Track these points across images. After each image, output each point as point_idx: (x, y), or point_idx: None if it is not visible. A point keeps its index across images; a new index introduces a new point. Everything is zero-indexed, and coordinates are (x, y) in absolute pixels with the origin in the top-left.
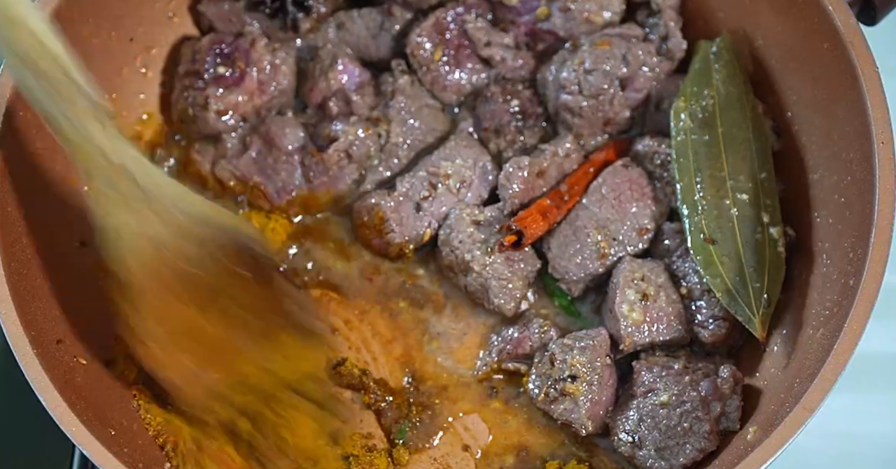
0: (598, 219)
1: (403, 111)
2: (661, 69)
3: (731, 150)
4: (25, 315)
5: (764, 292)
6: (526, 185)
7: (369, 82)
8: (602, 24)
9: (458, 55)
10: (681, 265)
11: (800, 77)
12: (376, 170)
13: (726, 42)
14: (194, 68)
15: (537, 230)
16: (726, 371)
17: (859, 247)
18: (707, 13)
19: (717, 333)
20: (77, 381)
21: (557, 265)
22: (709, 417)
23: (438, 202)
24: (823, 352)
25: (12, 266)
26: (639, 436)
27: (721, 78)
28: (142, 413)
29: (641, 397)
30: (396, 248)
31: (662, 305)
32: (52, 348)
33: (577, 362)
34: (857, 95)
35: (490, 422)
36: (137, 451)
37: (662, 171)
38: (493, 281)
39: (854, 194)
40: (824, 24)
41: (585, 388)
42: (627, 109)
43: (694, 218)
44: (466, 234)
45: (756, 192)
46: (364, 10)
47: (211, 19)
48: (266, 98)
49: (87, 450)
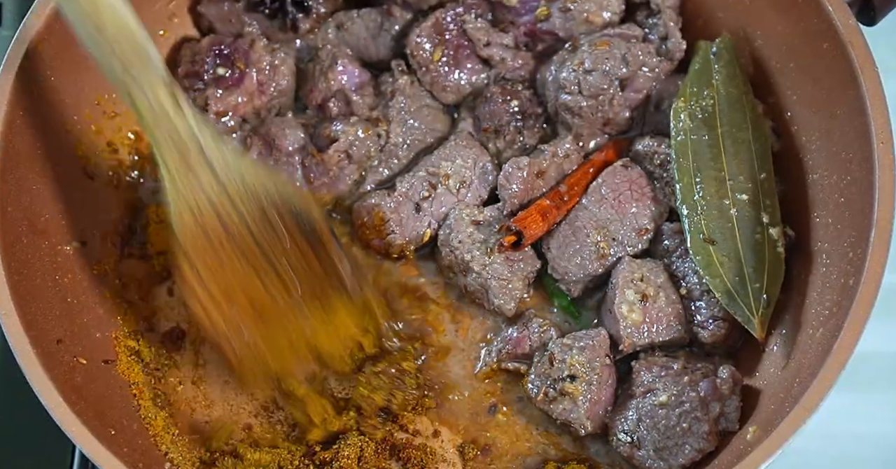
0: (597, 219)
1: (403, 111)
2: (660, 69)
3: (731, 151)
4: (25, 315)
5: (763, 292)
6: (525, 185)
7: (369, 83)
8: (602, 24)
9: (458, 55)
10: (680, 265)
11: (800, 77)
12: (376, 170)
13: (726, 42)
14: (194, 69)
15: (537, 230)
16: (725, 372)
17: (859, 247)
18: (707, 13)
19: (717, 334)
20: (77, 381)
21: (557, 265)
22: (708, 418)
23: (438, 202)
24: (823, 352)
25: (12, 266)
26: (638, 436)
27: (721, 78)
28: (142, 412)
29: (640, 397)
30: (397, 248)
31: (662, 306)
32: (52, 348)
33: (577, 362)
34: (857, 95)
35: (489, 422)
36: (137, 451)
37: (662, 171)
38: (493, 281)
39: (854, 194)
40: (824, 24)
41: (584, 388)
42: (627, 110)
43: (693, 218)
44: (466, 235)
45: (756, 193)
46: (364, 11)
47: (210, 20)
48: (266, 99)
49: (87, 450)
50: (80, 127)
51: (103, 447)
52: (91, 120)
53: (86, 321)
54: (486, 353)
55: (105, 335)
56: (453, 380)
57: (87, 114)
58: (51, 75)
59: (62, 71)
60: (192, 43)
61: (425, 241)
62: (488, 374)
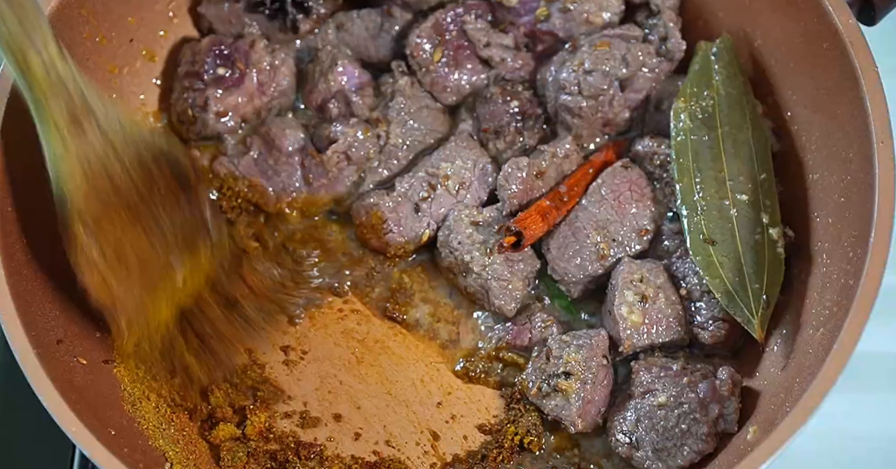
0: (597, 220)
1: (403, 112)
2: (660, 70)
3: (731, 151)
4: (25, 315)
5: (763, 293)
6: (525, 185)
7: (369, 83)
8: (601, 24)
9: (458, 56)
10: (680, 266)
11: (800, 77)
12: (375, 171)
13: (726, 43)
14: (194, 69)
15: (537, 231)
16: (725, 373)
17: (859, 247)
18: (707, 14)
19: (717, 335)
20: (77, 381)
21: (557, 266)
22: (707, 419)
23: (437, 203)
24: (823, 352)
25: (12, 266)
26: (636, 436)
27: (721, 79)
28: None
29: (639, 398)
30: (395, 248)
31: (661, 307)
32: (52, 348)
33: (573, 359)
34: (857, 95)
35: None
36: (137, 451)
37: (662, 171)
38: (493, 282)
39: (854, 194)
40: (824, 24)
41: (578, 386)
42: (627, 110)
43: (693, 219)
44: (465, 236)
45: (756, 193)
46: (364, 12)
47: (211, 20)
48: (266, 99)
49: (87, 450)
50: None
51: (103, 447)
52: None
53: (86, 321)
54: (485, 342)
55: (105, 335)
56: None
57: None
58: None
59: None
60: (193, 43)
61: (424, 242)
62: (485, 358)
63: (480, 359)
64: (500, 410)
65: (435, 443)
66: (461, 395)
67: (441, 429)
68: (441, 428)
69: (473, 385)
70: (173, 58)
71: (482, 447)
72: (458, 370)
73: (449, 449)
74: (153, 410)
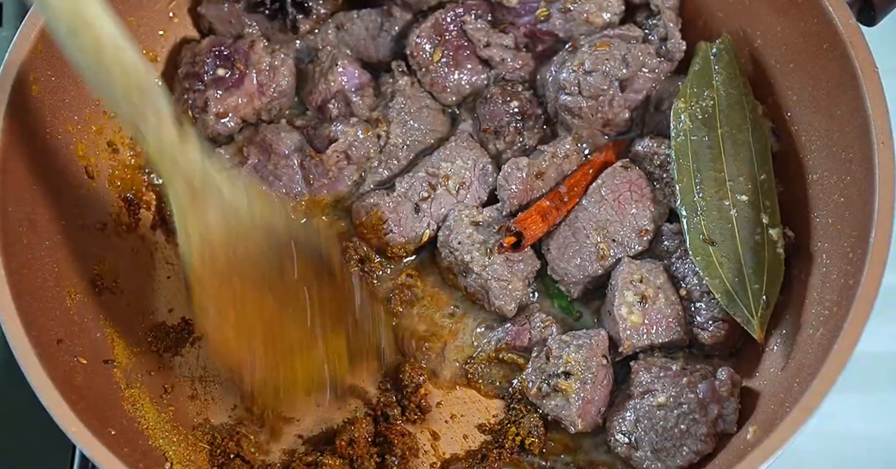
0: (597, 220)
1: (403, 112)
2: (660, 70)
3: (731, 152)
4: (25, 315)
5: (763, 293)
6: (525, 186)
7: (369, 83)
8: (602, 25)
9: (458, 56)
10: (680, 266)
11: (800, 77)
12: (376, 171)
13: (726, 43)
14: (194, 70)
15: (537, 231)
16: (724, 373)
17: (859, 247)
18: (707, 14)
19: (717, 335)
20: (77, 381)
21: (557, 267)
22: (706, 419)
23: (437, 203)
24: (823, 352)
25: (12, 266)
26: (635, 437)
27: (721, 79)
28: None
29: (639, 398)
30: (395, 248)
31: (661, 307)
32: (52, 348)
33: (573, 359)
34: (857, 95)
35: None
36: (137, 451)
37: (662, 172)
38: (493, 282)
39: (854, 194)
40: (824, 24)
41: (578, 386)
42: (627, 110)
43: (693, 219)
44: (465, 236)
45: (755, 194)
46: (363, 12)
47: (211, 21)
48: (266, 100)
49: (87, 450)
50: (81, 126)
51: (103, 447)
52: (91, 119)
53: (86, 321)
54: (485, 342)
55: (105, 335)
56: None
57: (87, 113)
58: (51, 75)
59: (62, 70)
60: (193, 44)
61: (424, 242)
62: (484, 360)
63: (480, 359)
64: (500, 410)
65: (435, 442)
66: (461, 394)
67: (441, 428)
68: (441, 428)
69: (473, 385)
70: (173, 58)
71: (482, 447)
72: (458, 370)
73: (449, 448)
74: (154, 410)
